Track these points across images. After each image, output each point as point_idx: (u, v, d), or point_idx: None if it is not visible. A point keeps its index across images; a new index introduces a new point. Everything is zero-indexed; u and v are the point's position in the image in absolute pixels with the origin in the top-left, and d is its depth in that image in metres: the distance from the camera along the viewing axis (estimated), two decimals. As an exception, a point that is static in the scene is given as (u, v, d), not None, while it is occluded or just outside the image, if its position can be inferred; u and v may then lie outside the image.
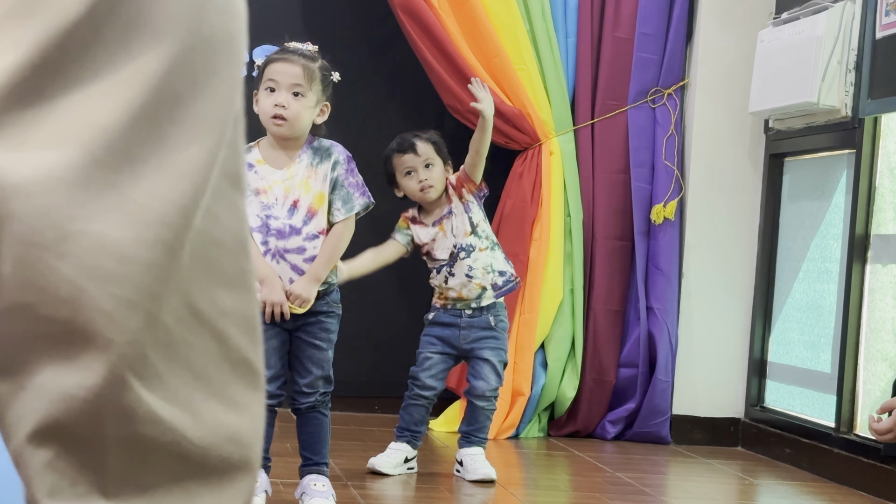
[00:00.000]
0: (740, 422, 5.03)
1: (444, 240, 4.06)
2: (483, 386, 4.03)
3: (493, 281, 4.07)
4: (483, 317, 4.06)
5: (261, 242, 3.42)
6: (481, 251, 4.07)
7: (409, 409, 4.05)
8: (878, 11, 4.20)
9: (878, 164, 4.32)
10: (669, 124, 5.02)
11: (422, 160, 4.01)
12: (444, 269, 4.06)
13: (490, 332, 4.06)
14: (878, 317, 4.26)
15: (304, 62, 3.44)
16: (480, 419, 4.06)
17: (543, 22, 4.94)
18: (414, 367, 4.08)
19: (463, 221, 4.06)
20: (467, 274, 4.04)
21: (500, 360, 4.07)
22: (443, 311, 4.09)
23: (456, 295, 4.05)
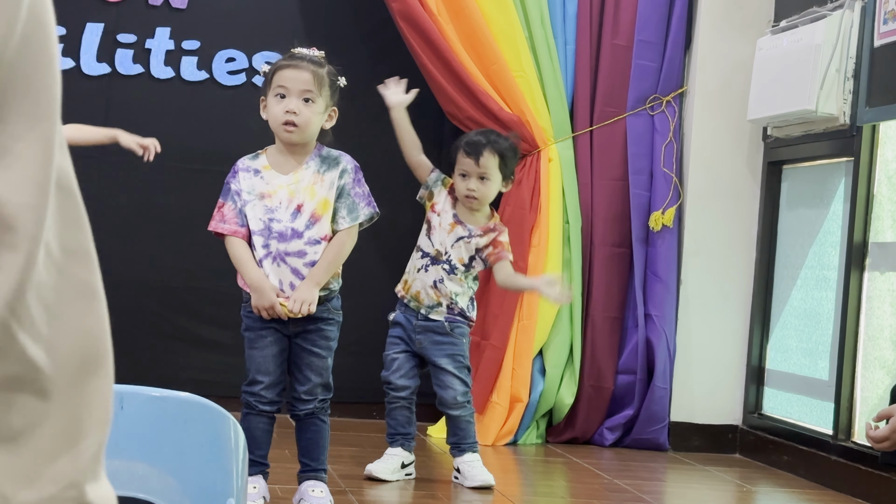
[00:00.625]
0: (738, 429, 5.04)
1: (444, 236, 4.02)
2: (450, 394, 4.01)
3: (451, 305, 4.03)
4: (437, 322, 4.03)
5: (262, 245, 3.43)
6: (459, 282, 4.03)
7: (392, 413, 4.04)
8: (877, 20, 4.22)
9: (876, 171, 4.33)
10: (668, 131, 5.03)
11: (479, 171, 3.98)
12: (425, 259, 4.03)
13: (446, 338, 4.02)
14: (876, 324, 4.26)
15: (313, 68, 3.45)
16: (462, 426, 4.03)
17: (542, 29, 4.95)
18: (383, 371, 4.07)
19: (467, 253, 4.03)
20: (436, 281, 4.02)
21: (457, 365, 4.02)
22: (401, 312, 4.05)
23: (415, 291, 4.03)
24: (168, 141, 5.04)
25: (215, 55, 5.05)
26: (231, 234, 3.44)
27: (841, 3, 4.44)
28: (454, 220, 4.04)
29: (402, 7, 4.84)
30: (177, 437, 1.67)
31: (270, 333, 3.48)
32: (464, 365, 4.05)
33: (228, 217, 3.45)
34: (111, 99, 4.99)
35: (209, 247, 4.81)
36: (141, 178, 4.99)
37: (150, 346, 4.99)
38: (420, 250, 4.06)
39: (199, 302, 5.06)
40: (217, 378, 4.93)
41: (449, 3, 4.87)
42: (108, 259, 4.94)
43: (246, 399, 3.48)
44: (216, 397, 1.92)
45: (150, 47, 5.00)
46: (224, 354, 4.99)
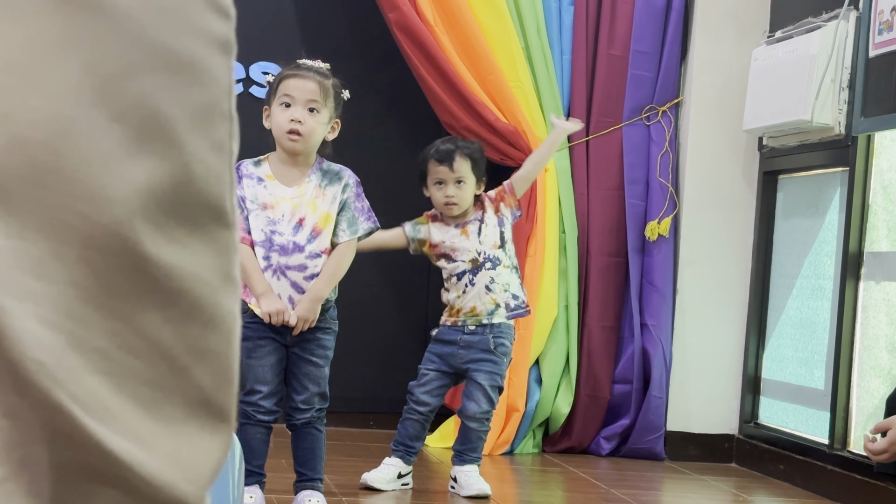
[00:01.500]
0: (734, 438, 5.04)
1: (467, 243, 4.02)
2: (473, 408, 4.02)
3: (507, 301, 4.06)
4: (484, 337, 4.03)
5: (262, 257, 3.44)
6: (504, 268, 4.06)
7: (405, 423, 4.05)
8: (872, 30, 4.23)
9: (871, 181, 4.34)
10: (664, 141, 5.04)
11: (454, 176, 4.00)
12: (464, 277, 4.03)
13: (488, 356, 4.02)
14: (872, 334, 4.27)
15: (319, 79, 3.46)
16: (473, 439, 4.05)
17: (538, 39, 4.96)
18: (412, 381, 4.08)
19: (494, 233, 4.06)
20: (487, 286, 4.02)
21: (492, 384, 4.03)
22: (447, 328, 4.06)
23: (470, 308, 4.03)
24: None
25: (212, 65, 5.05)
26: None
27: (836, 13, 4.45)
28: (460, 228, 4.05)
29: (398, 17, 4.85)
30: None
31: (268, 343, 3.48)
32: (498, 385, 4.05)
33: None
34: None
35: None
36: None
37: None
38: (453, 276, 4.04)
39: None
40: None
41: (445, 13, 4.88)
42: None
43: (243, 409, 3.49)
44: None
45: (147, 57, 5.01)
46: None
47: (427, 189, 4.07)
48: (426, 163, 4.06)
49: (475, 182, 4.04)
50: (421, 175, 4.08)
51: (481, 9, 4.88)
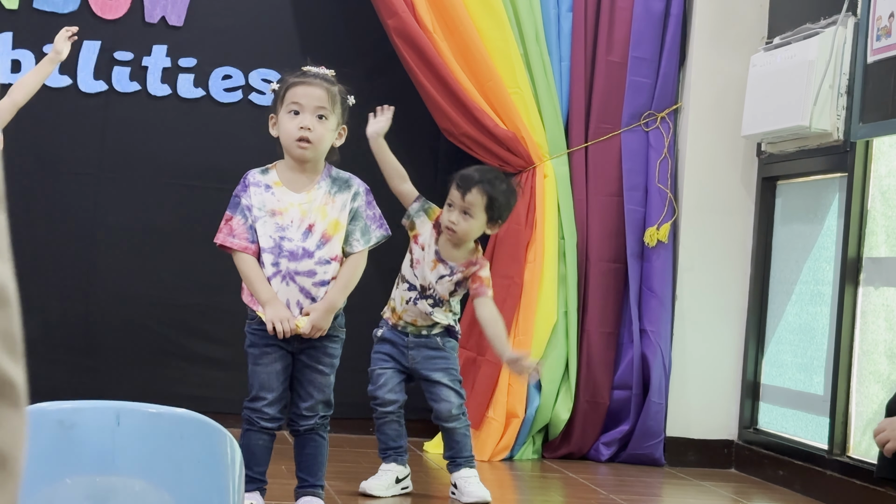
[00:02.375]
0: (734, 444, 5.05)
1: (428, 272, 3.98)
2: (445, 407, 4.00)
3: (447, 325, 4.04)
4: (431, 338, 4.02)
5: (271, 263, 3.43)
6: (445, 312, 4.02)
7: (382, 428, 4.03)
8: (870, 36, 4.24)
9: (869, 187, 4.35)
10: (662, 147, 5.05)
11: (463, 205, 3.91)
12: (412, 292, 4.00)
13: (438, 352, 4.01)
14: (871, 339, 4.28)
15: (327, 85, 3.47)
16: (458, 439, 4.02)
17: (537, 46, 4.98)
18: (370, 386, 4.05)
19: (449, 287, 3.99)
20: (426, 313, 4.01)
21: (452, 378, 4.02)
22: (391, 331, 4.04)
23: (411, 319, 4.01)
24: (165, 158, 5.08)
25: (212, 72, 5.07)
26: (241, 249, 3.43)
27: (834, 19, 4.46)
28: (436, 258, 3.99)
29: (397, 24, 4.86)
30: (173, 453, 1.68)
31: (274, 350, 3.48)
32: (457, 378, 4.05)
33: (238, 232, 3.44)
34: (108, 116, 5.01)
35: (206, 263, 4.84)
36: (138, 194, 5.01)
37: (147, 363, 5.00)
38: (406, 281, 4.02)
39: (196, 318, 5.07)
40: (214, 394, 4.94)
41: (444, 20, 4.89)
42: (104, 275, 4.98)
43: (247, 415, 3.49)
44: (213, 413, 1.93)
45: (146, 65, 5.02)
46: (221, 370, 5.00)
47: (444, 206, 4.00)
48: (451, 181, 3.99)
49: (486, 221, 3.94)
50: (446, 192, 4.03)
51: (480, 15, 4.89)
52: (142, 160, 5.02)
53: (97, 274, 4.98)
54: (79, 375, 4.89)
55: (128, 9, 5.00)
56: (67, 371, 4.88)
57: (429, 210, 4.03)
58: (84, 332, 4.94)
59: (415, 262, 4.01)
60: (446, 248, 4.00)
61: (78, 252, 4.98)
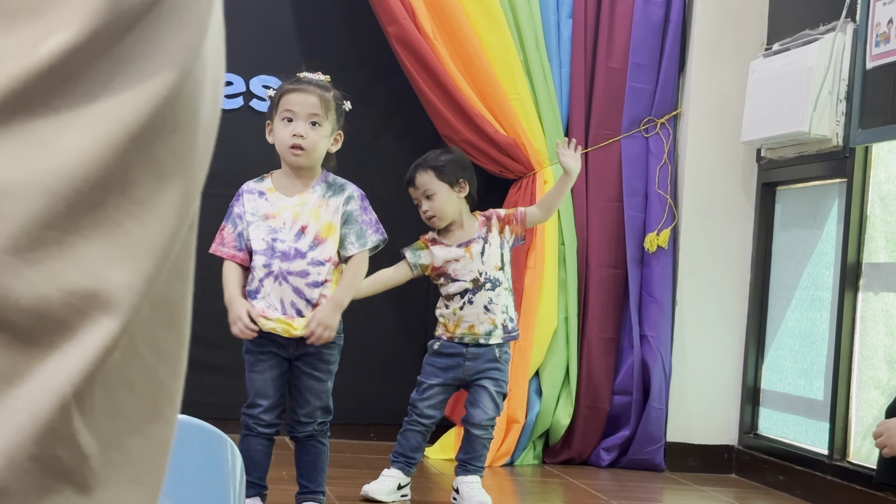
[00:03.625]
0: (734, 449, 5.05)
1: (470, 263, 4.01)
2: (480, 415, 4.03)
3: (505, 322, 4.06)
4: (489, 349, 4.04)
5: (263, 265, 3.44)
6: (504, 290, 4.06)
7: (406, 434, 4.05)
8: (868, 42, 4.25)
9: (869, 193, 4.35)
10: (662, 153, 5.06)
11: (421, 192, 4.02)
12: (465, 296, 4.03)
13: (494, 364, 4.04)
14: (871, 344, 4.29)
15: (320, 92, 3.48)
16: (477, 447, 4.05)
17: (537, 52, 4.99)
18: (414, 394, 4.07)
19: (496, 254, 4.05)
20: (486, 306, 4.02)
21: (498, 389, 4.04)
22: (448, 342, 4.05)
23: (467, 327, 4.02)
24: (166, 164, 5.08)
25: (213, 79, 5.08)
26: (229, 258, 3.47)
27: (833, 25, 4.47)
28: (462, 247, 4.04)
29: (397, 31, 4.87)
30: (173, 459, 1.68)
31: (270, 357, 3.49)
32: (503, 392, 4.07)
33: (227, 241, 3.48)
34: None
35: (206, 269, 4.82)
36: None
37: (148, 369, 5.01)
38: (449, 297, 4.04)
39: (196, 324, 5.04)
40: (214, 400, 4.94)
41: (444, 26, 4.91)
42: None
43: (245, 421, 3.50)
44: (213, 419, 1.94)
45: (147, 72, 5.03)
46: (221, 376, 5.00)
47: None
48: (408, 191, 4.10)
49: (447, 188, 4.02)
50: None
51: (480, 22, 4.91)
52: (143, 167, 5.02)
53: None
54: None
55: (129, 16, 5.00)
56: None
57: (417, 244, 4.09)
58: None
59: (452, 274, 4.03)
60: (454, 237, 4.05)
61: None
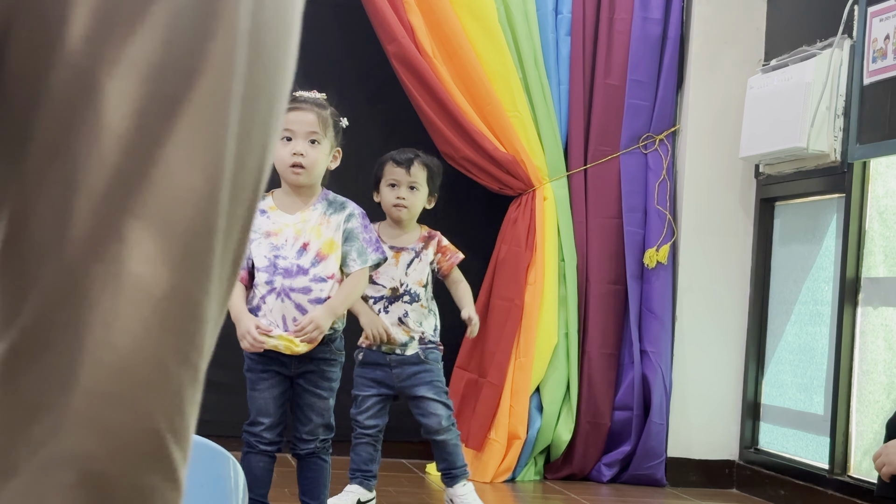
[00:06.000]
0: (735, 464, 5.06)
1: (393, 270, 3.99)
2: (434, 421, 4.00)
3: (423, 335, 4.03)
4: (412, 353, 4.02)
5: (265, 281, 3.45)
6: (422, 308, 4.04)
7: (357, 449, 4.03)
8: (866, 58, 4.27)
9: (867, 207, 4.37)
10: (661, 169, 5.08)
11: (409, 180, 4.02)
12: (379, 303, 4.01)
13: (421, 367, 4.01)
14: (870, 359, 4.30)
15: (317, 109, 3.49)
16: (450, 450, 4.03)
17: (536, 70, 5.01)
18: (353, 408, 4.04)
19: (424, 271, 4.04)
20: (401, 318, 4.01)
21: (437, 391, 4.01)
22: (370, 351, 4.02)
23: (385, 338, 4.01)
24: (167, 183, 5.10)
25: (213, 98, 5.10)
26: None
27: (830, 41, 4.49)
28: (395, 251, 4.02)
29: (397, 49, 4.90)
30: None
31: (271, 375, 3.50)
32: (443, 390, 4.04)
33: None
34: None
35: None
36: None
37: (150, 387, 5.01)
38: (369, 298, 4.01)
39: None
40: (218, 417, 4.94)
41: (443, 44, 4.93)
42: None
43: (247, 438, 3.51)
44: (217, 437, 1.95)
45: (148, 91, 5.05)
46: (224, 394, 5.01)
47: (378, 193, 4.07)
48: (383, 165, 4.07)
49: (427, 194, 4.05)
50: (375, 179, 4.08)
51: (479, 40, 4.93)
52: (144, 185, 5.04)
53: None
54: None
55: (130, 35, 5.03)
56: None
57: None
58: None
59: (374, 275, 3.97)
60: (393, 234, 4.03)
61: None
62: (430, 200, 4.08)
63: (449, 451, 4.02)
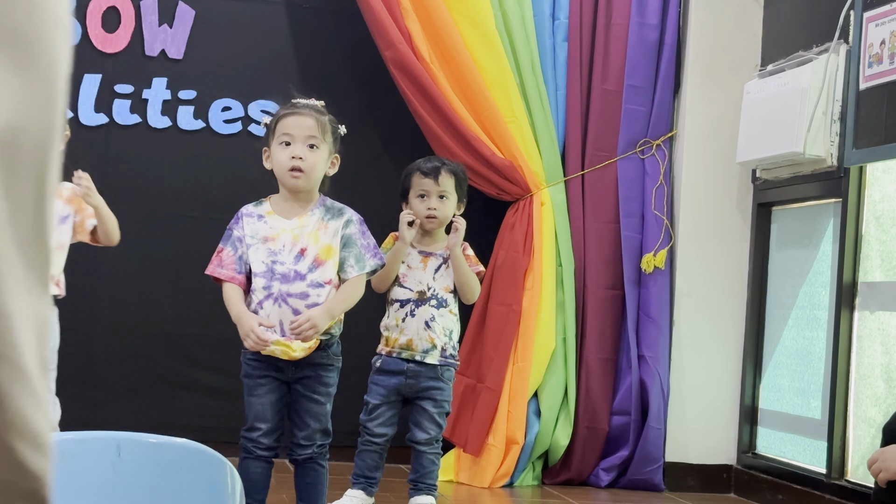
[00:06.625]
0: (732, 468, 5.06)
1: (421, 274, 4.02)
2: (421, 434, 4.02)
3: (445, 346, 4.04)
4: (430, 367, 4.03)
5: (263, 287, 3.46)
6: (450, 314, 4.06)
7: (363, 455, 4.04)
8: (862, 63, 4.28)
9: (864, 212, 4.38)
10: (658, 175, 5.09)
11: (438, 190, 4.05)
12: (406, 306, 4.03)
13: (436, 382, 4.02)
14: (867, 363, 4.30)
15: (316, 115, 3.51)
16: (425, 464, 4.04)
17: (533, 75, 5.02)
18: (363, 415, 4.05)
19: (451, 277, 4.07)
20: (427, 322, 4.02)
21: (439, 410, 4.03)
22: (389, 358, 4.04)
23: (406, 341, 4.02)
24: (165, 189, 5.11)
25: (211, 104, 5.12)
26: (228, 279, 3.48)
27: (826, 47, 4.51)
28: (423, 256, 4.06)
29: (394, 55, 4.91)
30: (174, 482, 1.71)
31: (269, 381, 3.50)
32: (445, 411, 4.07)
33: (227, 263, 3.49)
34: (109, 149, 5.05)
35: (207, 293, 4.86)
36: (138, 225, 5.04)
37: (149, 392, 5.02)
38: (396, 301, 4.04)
39: (196, 348, 5.10)
40: (215, 423, 4.96)
41: (441, 51, 4.94)
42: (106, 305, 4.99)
43: (244, 444, 3.51)
44: (214, 443, 1.96)
45: (147, 97, 5.07)
46: (222, 399, 5.02)
47: (408, 203, 4.09)
48: (410, 176, 4.10)
49: (456, 201, 4.09)
50: (403, 190, 4.11)
51: (476, 46, 4.94)
52: (142, 191, 5.05)
53: (97, 304, 5.01)
54: (79, 406, 4.91)
55: (128, 42, 5.05)
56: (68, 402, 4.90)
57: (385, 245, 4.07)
58: (84, 363, 4.96)
59: (400, 279, 4.04)
60: (425, 242, 4.09)
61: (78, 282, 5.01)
62: (459, 206, 4.12)
63: (424, 463, 4.05)
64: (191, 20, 5.10)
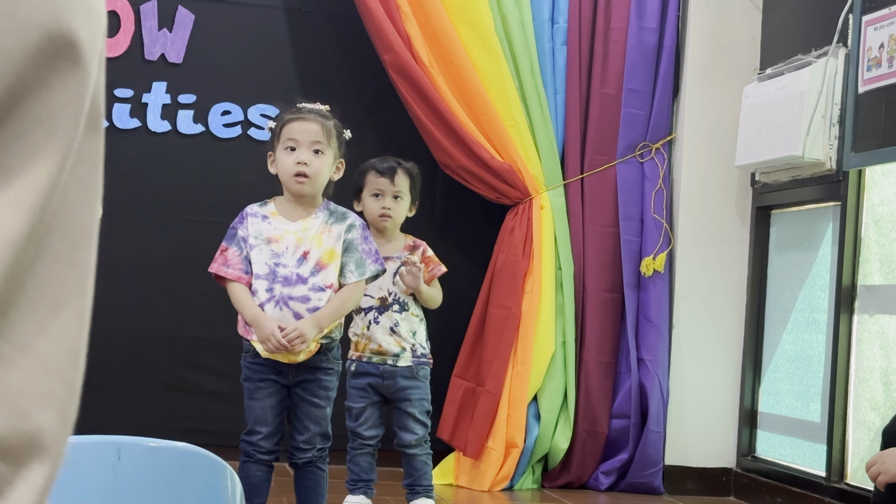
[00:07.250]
0: (732, 471, 5.06)
1: (381, 279, 3.95)
2: (408, 437, 4.02)
3: (414, 347, 4.04)
4: (406, 367, 4.03)
5: (265, 289, 3.46)
6: (412, 316, 4.05)
7: (356, 459, 4.04)
8: (861, 66, 4.29)
9: (863, 215, 4.38)
10: (657, 178, 5.09)
11: (393, 190, 4.05)
12: (370, 314, 4.03)
13: (412, 382, 4.02)
14: (867, 366, 4.31)
15: (321, 120, 3.51)
16: (418, 466, 4.04)
17: (532, 79, 5.02)
18: (349, 421, 4.04)
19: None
20: (392, 328, 4.02)
21: (421, 410, 4.03)
22: (362, 362, 4.03)
23: (376, 347, 4.01)
24: (165, 193, 5.12)
25: (211, 108, 5.12)
26: (235, 279, 3.47)
27: (825, 50, 4.51)
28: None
29: (394, 59, 4.91)
30: (174, 487, 1.71)
31: (269, 385, 3.50)
32: (426, 409, 4.06)
33: (232, 262, 3.49)
34: (109, 153, 5.00)
35: (206, 297, 4.87)
36: (139, 229, 5.04)
37: (148, 396, 5.03)
38: (361, 310, 4.02)
39: (196, 351, 5.10)
40: (215, 427, 4.96)
41: (440, 55, 4.95)
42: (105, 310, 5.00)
43: (244, 448, 3.52)
44: (214, 447, 1.96)
45: (146, 101, 5.07)
46: (222, 403, 5.02)
47: (360, 202, 4.07)
48: (365, 174, 4.08)
49: (410, 202, 4.09)
50: (356, 188, 4.09)
51: (476, 50, 4.95)
52: (142, 196, 5.06)
53: (98, 308, 4.97)
54: (79, 410, 4.91)
55: (127, 47, 5.05)
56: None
57: None
58: (85, 367, 4.96)
59: None
60: (378, 244, 3.97)
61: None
62: (412, 208, 4.12)
63: (417, 466, 4.04)
64: (190, 24, 5.10)
